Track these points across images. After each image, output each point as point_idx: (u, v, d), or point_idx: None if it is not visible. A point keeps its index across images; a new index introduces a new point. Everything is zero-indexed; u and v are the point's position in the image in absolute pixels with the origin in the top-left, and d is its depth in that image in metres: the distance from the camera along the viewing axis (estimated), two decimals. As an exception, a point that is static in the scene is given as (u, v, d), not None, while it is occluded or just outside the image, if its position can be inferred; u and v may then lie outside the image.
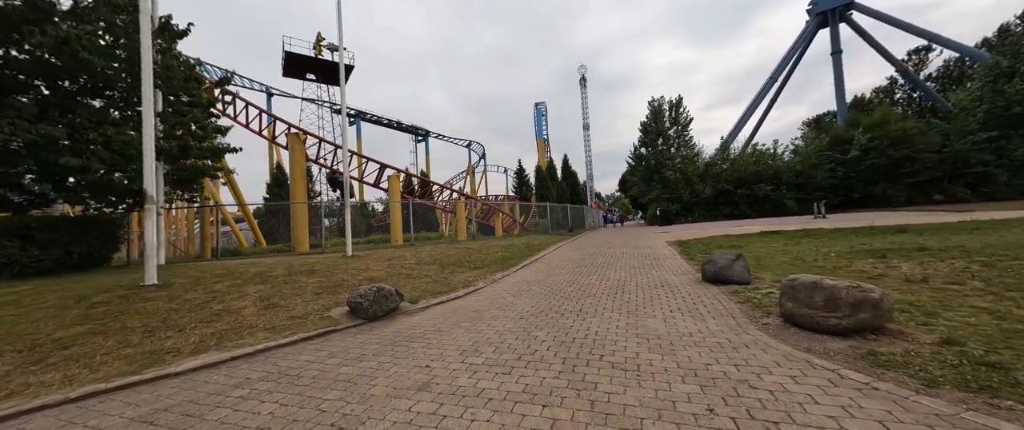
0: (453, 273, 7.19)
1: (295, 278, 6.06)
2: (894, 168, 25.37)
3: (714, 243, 10.69)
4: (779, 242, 9.86)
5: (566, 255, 10.53)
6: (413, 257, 9.16)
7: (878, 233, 9.83)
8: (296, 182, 13.59)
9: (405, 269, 7.32)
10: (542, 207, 23.89)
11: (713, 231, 15.99)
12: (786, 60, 51.95)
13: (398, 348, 3.35)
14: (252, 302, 4.70)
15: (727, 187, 28.91)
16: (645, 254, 9.58)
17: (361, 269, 7.03)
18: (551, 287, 5.85)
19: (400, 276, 6.63)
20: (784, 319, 3.31)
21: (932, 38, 44.80)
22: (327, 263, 7.71)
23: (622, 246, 12.36)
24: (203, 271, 6.69)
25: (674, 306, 4.28)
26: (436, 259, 8.95)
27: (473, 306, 4.88)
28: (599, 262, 8.62)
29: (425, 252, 10.55)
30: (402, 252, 10.54)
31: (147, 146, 5.13)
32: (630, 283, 5.84)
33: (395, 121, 42.06)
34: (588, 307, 4.47)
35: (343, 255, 9.08)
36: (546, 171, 33.78)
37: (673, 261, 8.03)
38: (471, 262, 8.69)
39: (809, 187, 27.11)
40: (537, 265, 8.62)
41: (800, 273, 5.65)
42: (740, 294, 4.59)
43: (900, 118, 27.33)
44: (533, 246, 12.84)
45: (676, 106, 36.85)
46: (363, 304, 4.26)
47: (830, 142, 28.05)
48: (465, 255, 9.95)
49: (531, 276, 7.07)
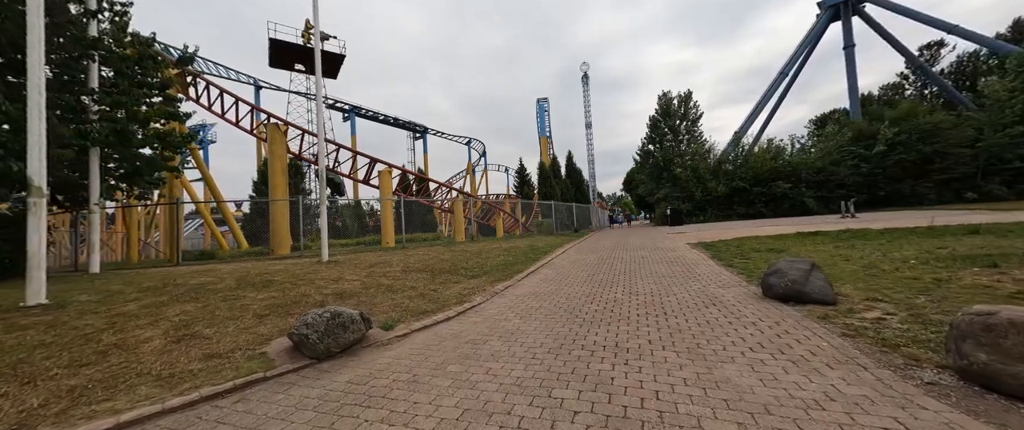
0: (446, 284, 5.99)
1: (241, 293, 4.86)
2: (923, 164, 24.08)
3: (746, 245, 9.47)
4: (825, 245, 8.62)
5: (577, 259, 9.33)
6: (401, 263, 7.96)
7: (942, 235, 8.58)
8: (275, 178, 12.42)
9: (387, 279, 6.12)
10: (546, 206, 22.69)
11: (735, 232, 14.75)
12: (796, 56, 51.05)
13: (343, 420, 2.15)
14: (164, 332, 3.50)
15: (742, 185, 27.64)
16: (669, 258, 8.36)
17: (332, 279, 5.84)
18: (568, 304, 4.65)
19: (379, 289, 5.44)
20: (961, 375, 2.10)
21: (950, 29, 43.37)
22: (294, 271, 6.51)
23: (638, 248, 11.15)
24: (129, 283, 5.51)
25: (751, 340, 3.07)
26: (427, 265, 7.75)
27: (467, 334, 3.68)
28: (618, 268, 7.41)
29: (417, 256, 9.36)
30: (390, 256, 9.35)
31: (32, 122, 3.96)
32: (668, 299, 4.63)
33: (391, 117, 40.93)
34: (626, 339, 3.26)
35: (318, 260, 7.89)
36: (550, 168, 32.56)
37: (707, 268, 6.81)
38: (468, 268, 7.49)
39: (830, 185, 25.83)
40: (545, 272, 7.41)
41: (883, 284, 4.22)
42: (834, 320, 3.37)
43: (928, 111, 26.02)
44: (538, 248, 11.64)
45: (685, 101, 35.59)
46: (310, 338, 3.06)
47: (852, 137, 26.75)
48: (462, 259, 8.75)
49: (539, 287, 5.87)
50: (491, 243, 14.20)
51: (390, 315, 4.25)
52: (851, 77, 50.35)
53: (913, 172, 24.39)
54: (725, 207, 28.97)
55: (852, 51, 50.61)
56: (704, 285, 5.34)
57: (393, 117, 41.16)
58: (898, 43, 47.98)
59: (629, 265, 7.80)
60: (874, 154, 25.02)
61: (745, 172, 28.45)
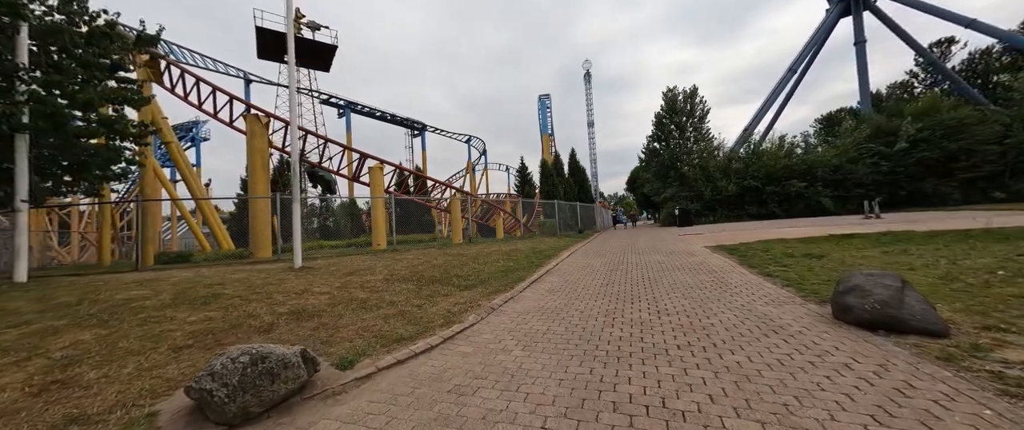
0: (433, 297, 5.05)
1: (171, 313, 3.93)
2: (947, 162, 23.01)
3: (775, 250, 8.52)
4: (869, 249, 7.66)
5: (585, 264, 8.39)
6: (386, 269, 7.03)
7: (1009, 238, 7.60)
8: (255, 174, 11.50)
9: (364, 291, 5.18)
10: (548, 206, 21.75)
11: (754, 234, 13.78)
12: (805, 52, 50.31)
13: None
14: (29, 376, 2.57)
15: (754, 184, 26.61)
16: (690, 264, 7.41)
17: (295, 292, 4.90)
18: (582, 327, 3.70)
19: (349, 305, 4.49)
20: None
21: (969, 24, 42.29)
22: (253, 281, 5.58)
23: (651, 252, 10.20)
24: (42, 298, 4.58)
25: (863, 399, 2.11)
26: (416, 272, 6.81)
27: (451, 374, 2.74)
28: (635, 276, 6.46)
29: (406, 261, 8.43)
30: (375, 261, 8.42)
31: None
32: (710, 321, 3.68)
33: (388, 113, 40.00)
34: (673, 391, 2.32)
35: (290, 267, 6.97)
36: (552, 166, 31.58)
37: (740, 277, 5.86)
38: (463, 276, 6.55)
39: (848, 184, 24.78)
40: (551, 280, 6.46)
41: (988, 305, 3.38)
42: (965, 363, 2.42)
43: (951, 105, 24.93)
44: (541, 252, 10.70)
45: (692, 96, 34.59)
46: (215, 395, 2.11)
47: (871, 133, 25.68)
48: (456, 265, 7.81)
49: (545, 300, 4.92)
50: (490, 245, 13.26)
51: (354, 344, 3.31)
52: (862, 74, 49.44)
53: (936, 170, 23.33)
54: (736, 207, 27.95)
55: (863, 47, 49.76)
56: (747, 301, 4.39)
57: (390, 114, 40.23)
58: (910, 38, 47.02)
59: (646, 272, 6.84)
60: (896, 151, 23.94)
61: (757, 170, 27.42)
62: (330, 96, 32.24)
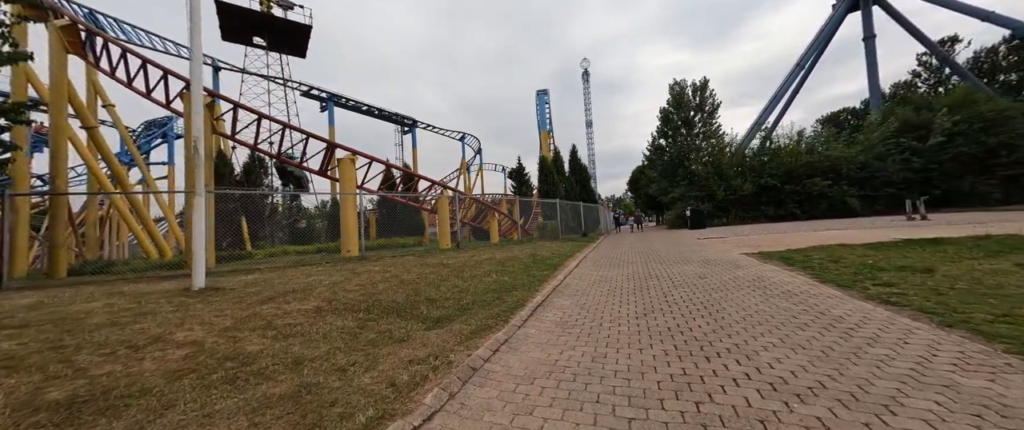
0: (377, 345, 3.19)
1: None
2: (986, 157, 21.46)
3: (848, 259, 6.78)
4: (992, 261, 5.87)
5: (600, 277, 6.56)
6: (329, 291, 5.16)
7: None
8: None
9: (263, 338, 3.31)
10: (549, 206, 19.94)
11: (791, 238, 12.03)
12: (812, 47, 49.78)
13: None
14: None
15: (772, 182, 24.96)
16: (745, 281, 5.59)
17: (143, 340, 3.02)
18: (644, 425, 1.87)
19: (213, 373, 2.62)
20: None
21: (986, 17, 41.38)
22: (105, 314, 3.68)
23: (678, 260, 8.39)
24: None
25: None
26: (370, 295, 4.95)
27: None
28: (679, 299, 4.64)
29: (367, 276, 6.56)
30: (324, 276, 6.54)
31: None
32: (899, 415, 1.84)
33: (376, 108, 37.94)
34: None
35: (189, 287, 5.08)
36: (552, 164, 29.78)
37: (840, 304, 4.07)
38: (437, 301, 4.70)
39: (875, 182, 23.18)
40: (560, 305, 4.62)
41: None
42: None
43: (989, 97, 23.41)
44: (543, 260, 8.87)
45: (701, 89, 32.95)
46: None
47: (899, 128, 24.11)
48: (433, 281, 5.97)
49: (559, 348, 3.10)
50: (482, 251, 11.41)
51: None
52: (872, 70, 49.02)
53: (973, 167, 21.78)
54: (751, 208, 26.30)
55: (873, 42, 49.42)
56: (905, 353, 2.58)
57: (378, 108, 38.20)
58: (919, 33, 46.62)
59: (692, 292, 5.02)
60: (930, 146, 22.37)
61: (775, 168, 25.77)
62: (311, 87, 30.18)
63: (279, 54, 26.12)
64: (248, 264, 9.16)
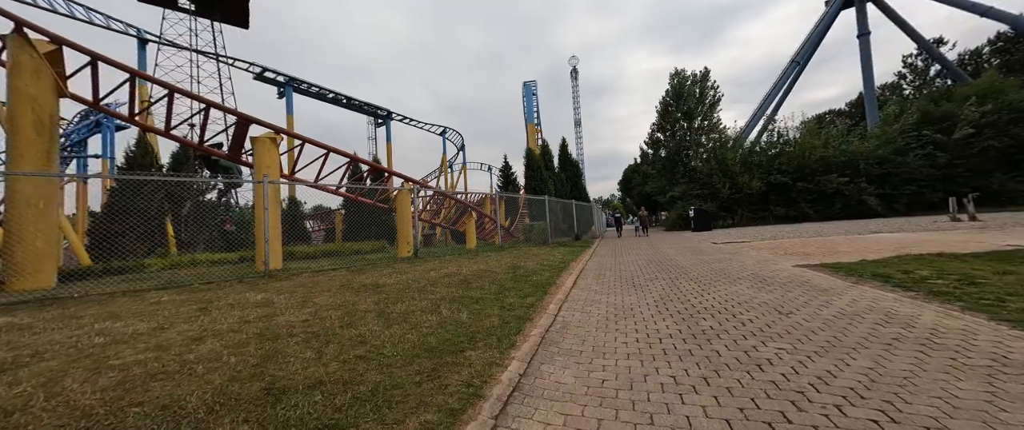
0: None
1: None
2: (1016, 152, 20.01)
3: (955, 270, 4.58)
4: None
5: (614, 309, 4.16)
6: (120, 356, 2.64)
7: None
8: (19, 134, 6.85)
9: None
10: (537, 203, 17.59)
11: (827, 243, 9.94)
12: (807, 44, 49.74)
13: None
14: None
15: (783, 179, 23.13)
16: (853, 314, 3.28)
17: None
18: None
19: None
20: None
21: (984, 12, 41.29)
22: None
23: (716, 277, 6.06)
24: None
25: None
26: (217, 354, 2.47)
27: None
28: (778, 364, 2.26)
29: (233, 317, 4.05)
30: (182, 307, 4.00)
31: None
32: None
33: (344, 96, 34.84)
34: None
35: None
36: (540, 158, 27.46)
37: None
38: (304, 387, 2.23)
39: (895, 179, 21.55)
40: (553, 399, 2.22)
41: None
42: None
43: (1020, 85, 22.00)
44: (527, 278, 6.44)
45: (702, 80, 31.14)
46: None
47: (918, 121, 22.57)
48: (344, 325, 3.53)
49: None
50: (446, 262, 8.95)
51: None
52: (866, 68, 49.34)
53: (1002, 162, 20.32)
54: (759, 207, 24.47)
55: (867, 40, 49.84)
56: None
57: (346, 96, 35.13)
58: (912, 30, 47.05)
59: (794, 352, 2.68)
60: (956, 140, 20.83)
61: (785, 164, 23.97)
62: (264, 68, 26.87)
63: (209, 21, 22.63)
64: (56, 291, 6.50)
